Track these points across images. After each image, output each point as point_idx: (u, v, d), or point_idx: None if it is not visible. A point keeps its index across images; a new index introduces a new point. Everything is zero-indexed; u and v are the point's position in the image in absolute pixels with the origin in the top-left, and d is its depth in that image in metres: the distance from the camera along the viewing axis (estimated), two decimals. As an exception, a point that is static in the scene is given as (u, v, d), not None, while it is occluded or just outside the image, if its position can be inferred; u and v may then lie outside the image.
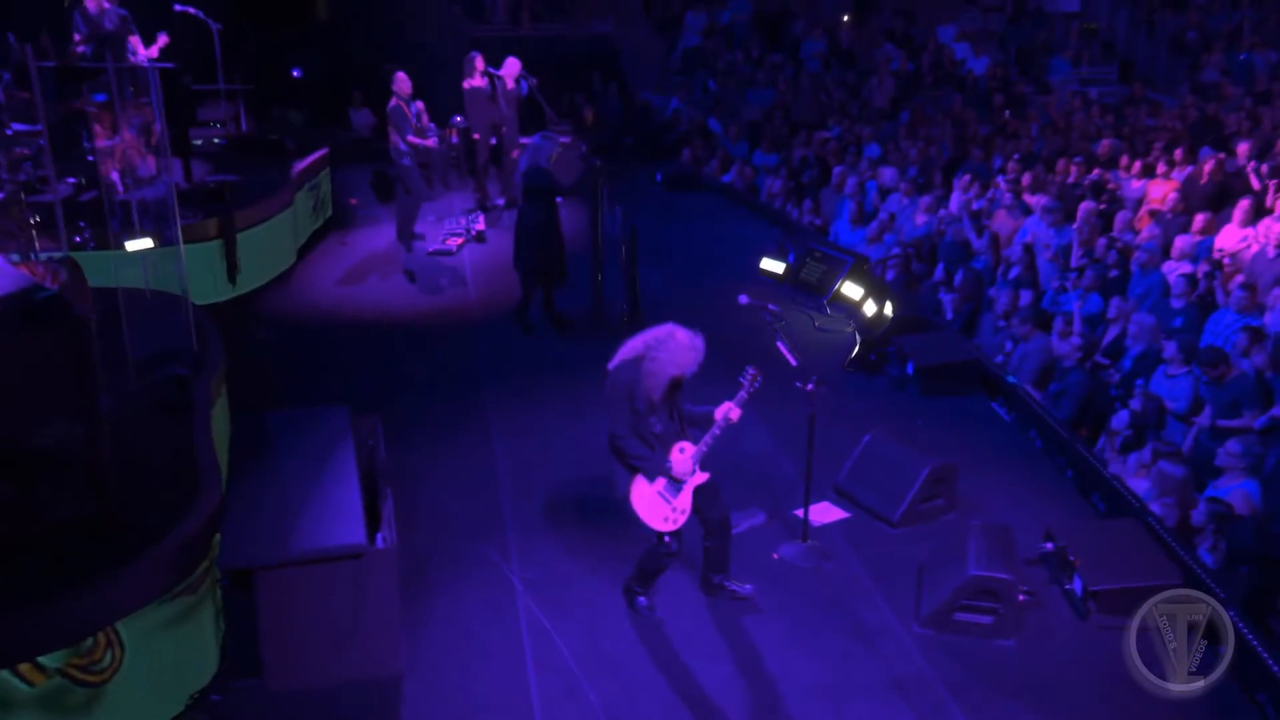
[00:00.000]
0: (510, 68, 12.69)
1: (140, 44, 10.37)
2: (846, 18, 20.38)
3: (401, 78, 11.51)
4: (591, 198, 9.84)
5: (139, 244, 7.89)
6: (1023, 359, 8.85)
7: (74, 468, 4.87)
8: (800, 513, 6.52)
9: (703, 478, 5.59)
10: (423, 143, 11.67)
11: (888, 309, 9.26)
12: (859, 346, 9.07)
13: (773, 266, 10.95)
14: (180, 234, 7.29)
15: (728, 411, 5.47)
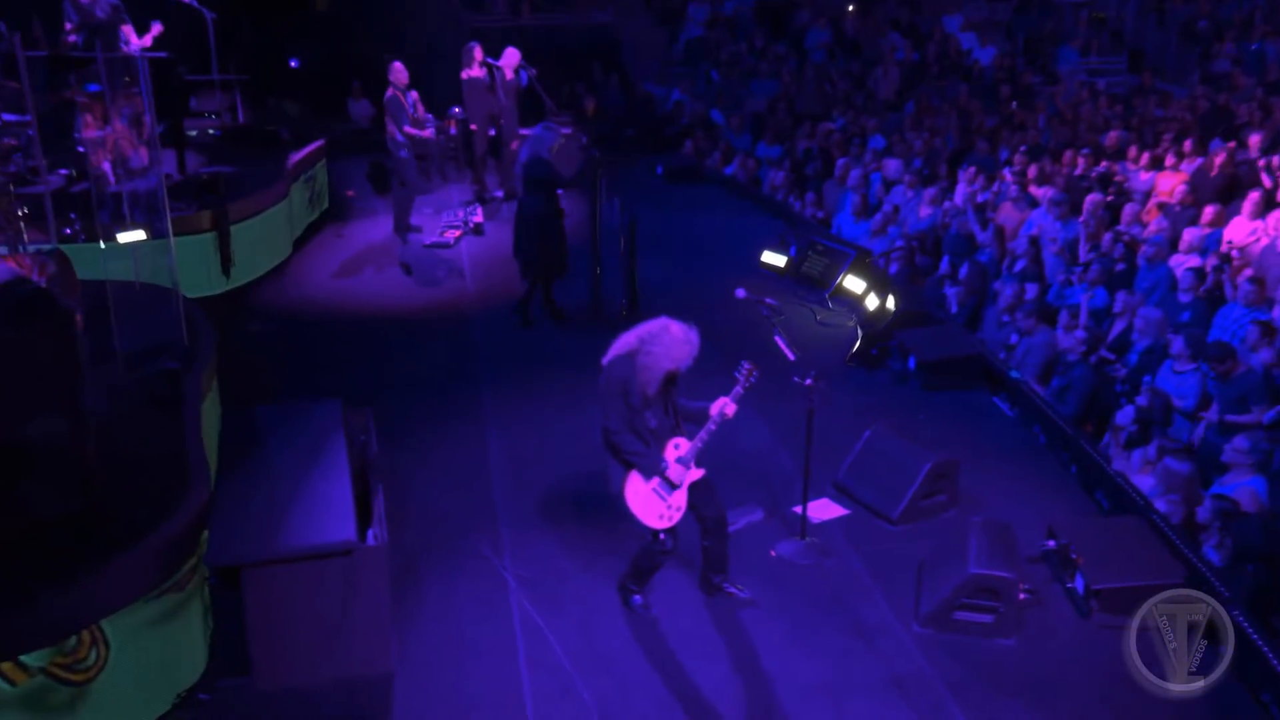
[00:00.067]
0: (509, 58, 12.63)
1: (133, 33, 10.34)
2: (851, 7, 20.31)
3: (398, 68, 11.47)
4: (590, 189, 9.79)
5: (131, 236, 7.86)
6: (1027, 353, 8.80)
7: (59, 463, 4.84)
8: (799, 509, 6.49)
9: (698, 474, 5.55)
10: (420, 134, 11.62)
11: (890, 303, 9.22)
12: (861, 341, 9.03)
13: (774, 259, 10.92)
14: (171, 226, 7.25)
15: (723, 407, 5.43)
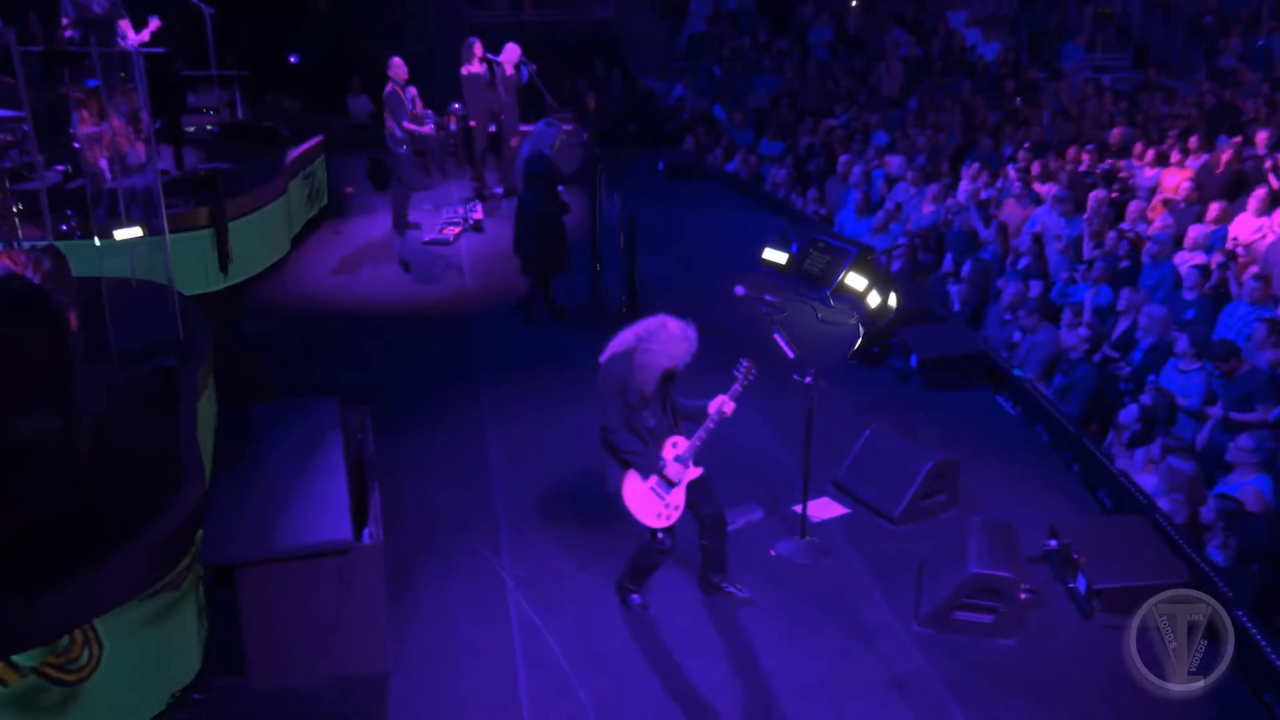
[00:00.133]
0: (510, 54, 12.63)
1: (130, 28, 10.34)
2: (855, 3, 20.27)
3: (397, 63, 11.47)
4: (590, 186, 9.79)
5: (128, 233, 7.86)
6: (1030, 351, 8.79)
7: (51, 461, 4.84)
8: (798, 508, 6.48)
9: (696, 473, 5.54)
10: (419, 129, 11.62)
11: (892, 300, 9.21)
12: (862, 339, 9.02)
13: (775, 257, 10.91)
14: (166, 223, 7.25)
15: (721, 405, 5.42)
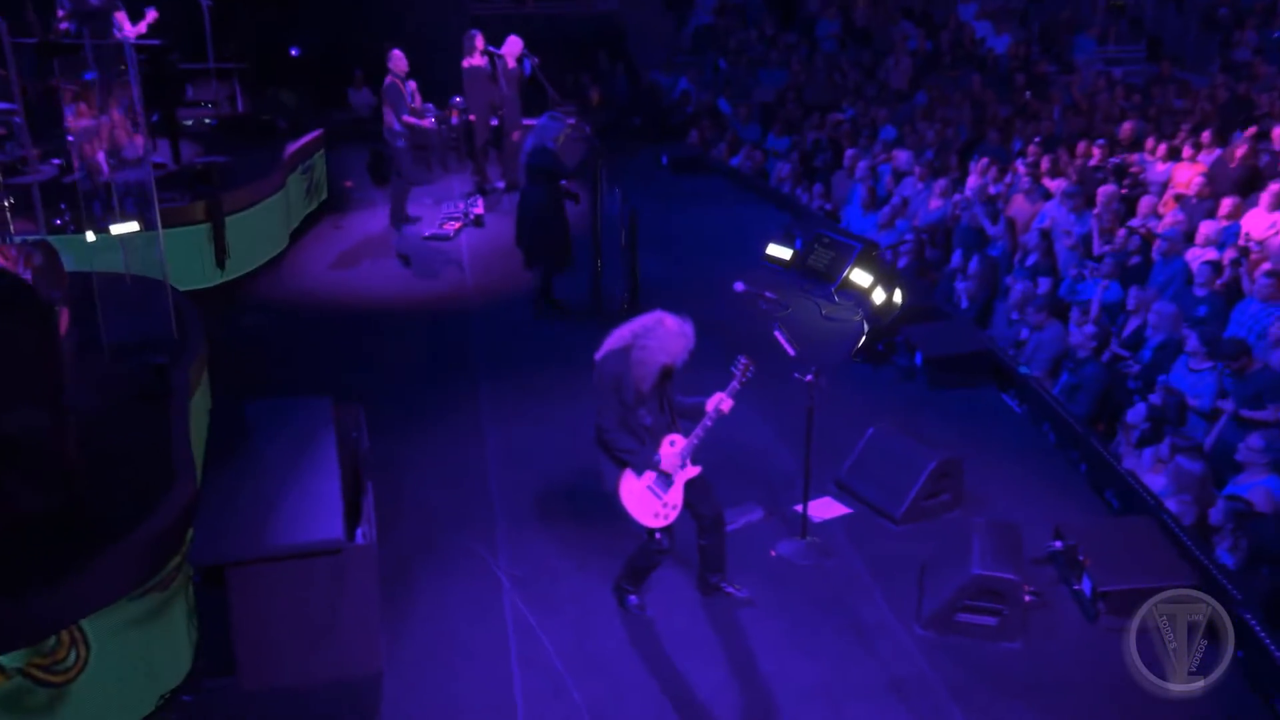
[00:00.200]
0: (512, 46, 12.59)
1: (127, 20, 10.33)
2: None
3: (397, 55, 11.44)
4: (591, 180, 9.76)
5: (124, 228, 7.85)
6: (1036, 349, 8.74)
7: (39, 458, 4.82)
8: (799, 508, 6.44)
9: (694, 472, 5.51)
10: (419, 123, 11.60)
11: (897, 297, 9.16)
12: (866, 336, 8.97)
13: (779, 252, 10.86)
14: (159, 217, 7.23)
15: (719, 403, 5.39)
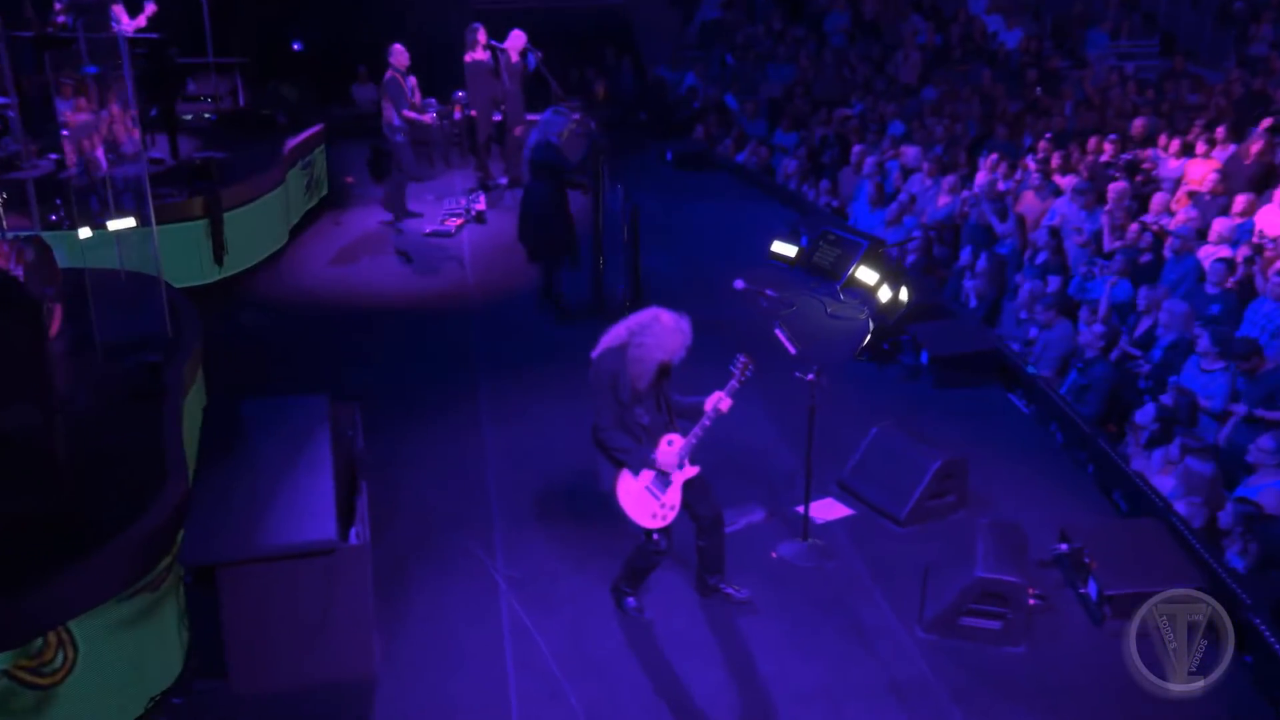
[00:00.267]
0: (515, 40, 12.57)
1: (124, 13, 10.35)
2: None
3: (399, 50, 11.45)
4: (593, 176, 9.73)
5: (121, 223, 7.86)
6: (1045, 348, 8.69)
7: (27, 457, 4.81)
8: (801, 509, 6.41)
9: (692, 471, 5.48)
10: (419, 118, 11.59)
11: (903, 295, 9.11)
12: (872, 334, 8.93)
13: (785, 250, 10.82)
14: (154, 213, 7.23)
15: (718, 402, 5.35)
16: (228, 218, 10.00)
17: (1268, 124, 12.06)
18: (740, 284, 6.66)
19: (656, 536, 5.54)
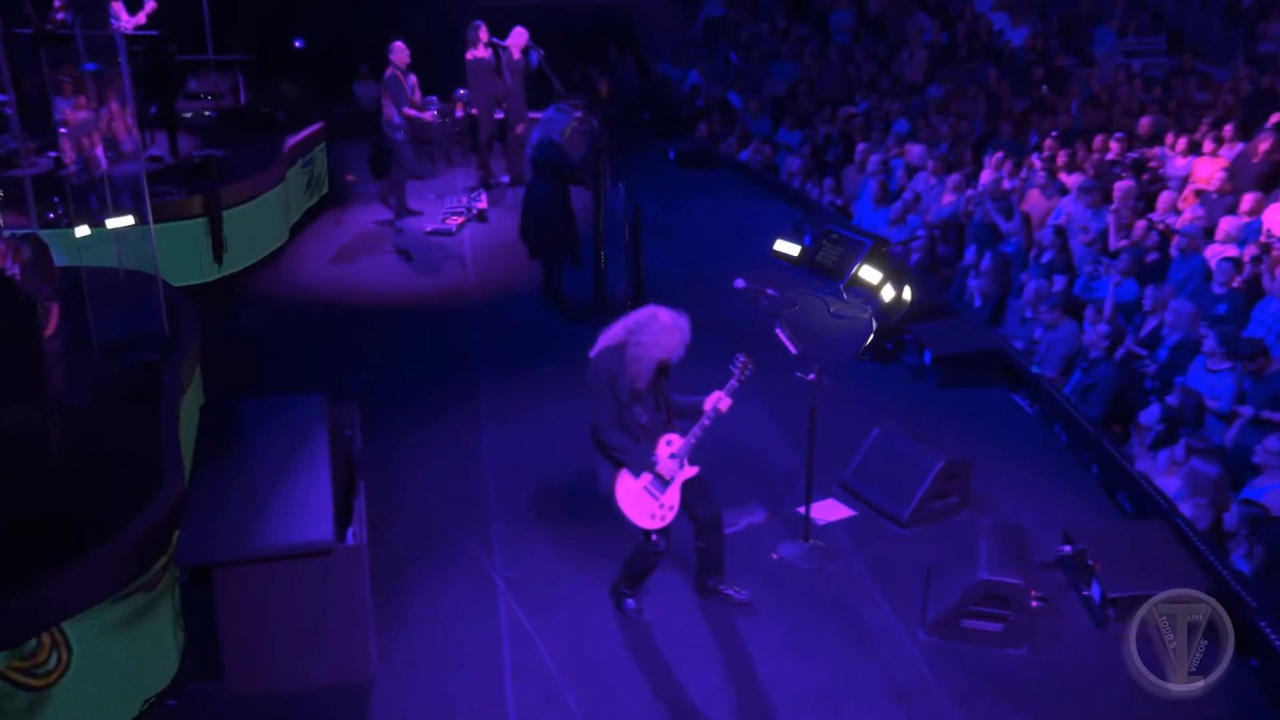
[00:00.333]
0: (516, 38, 12.56)
1: (124, 10, 10.35)
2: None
3: (399, 47, 11.45)
4: (594, 174, 9.72)
5: (119, 221, 7.87)
6: (1049, 348, 8.66)
7: (21, 457, 4.81)
8: (802, 510, 6.39)
9: (691, 472, 5.47)
10: (420, 115, 11.58)
11: (906, 294, 9.09)
12: (874, 334, 8.91)
13: (787, 249, 10.80)
14: (150, 211, 7.23)
15: (717, 401, 5.34)
16: (227, 216, 10.00)
17: (1276, 122, 12.02)
18: (741, 283, 6.63)
19: (655, 537, 5.53)
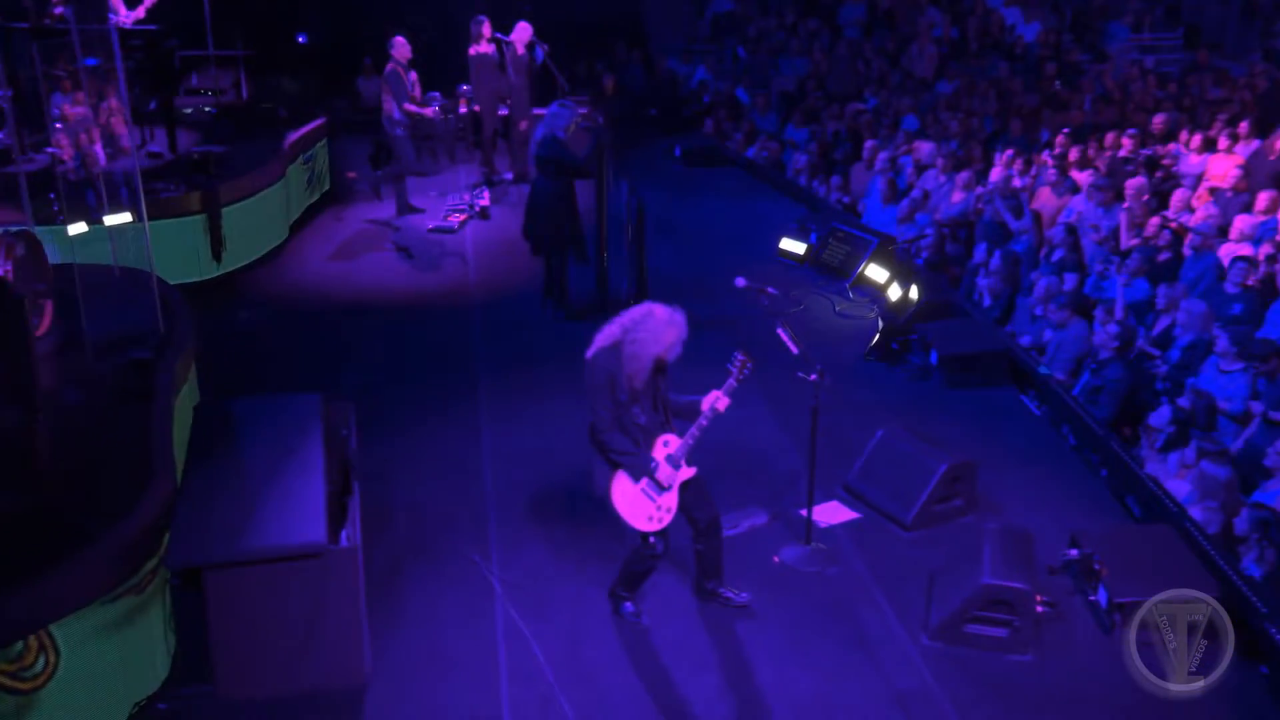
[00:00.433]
0: (521, 33, 12.54)
1: (123, 4, 10.35)
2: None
3: (400, 42, 11.44)
4: (598, 171, 9.69)
5: (117, 218, 7.87)
6: (1058, 348, 8.61)
7: (8, 456, 4.80)
8: (804, 513, 6.35)
9: (689, 473, 5.43)
10: (420, 110, 11.57)
11: (913, 293, 9.05)
12: (880, 334, 8.87)
13: (793, 247, 10.76)
14: (145, 208, 7.22)
15: (715, 401, 5.31)
16: (227, 213, 10.00)
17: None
18: (741, 281, 6.59)
19: (653, 539, 5.49)
